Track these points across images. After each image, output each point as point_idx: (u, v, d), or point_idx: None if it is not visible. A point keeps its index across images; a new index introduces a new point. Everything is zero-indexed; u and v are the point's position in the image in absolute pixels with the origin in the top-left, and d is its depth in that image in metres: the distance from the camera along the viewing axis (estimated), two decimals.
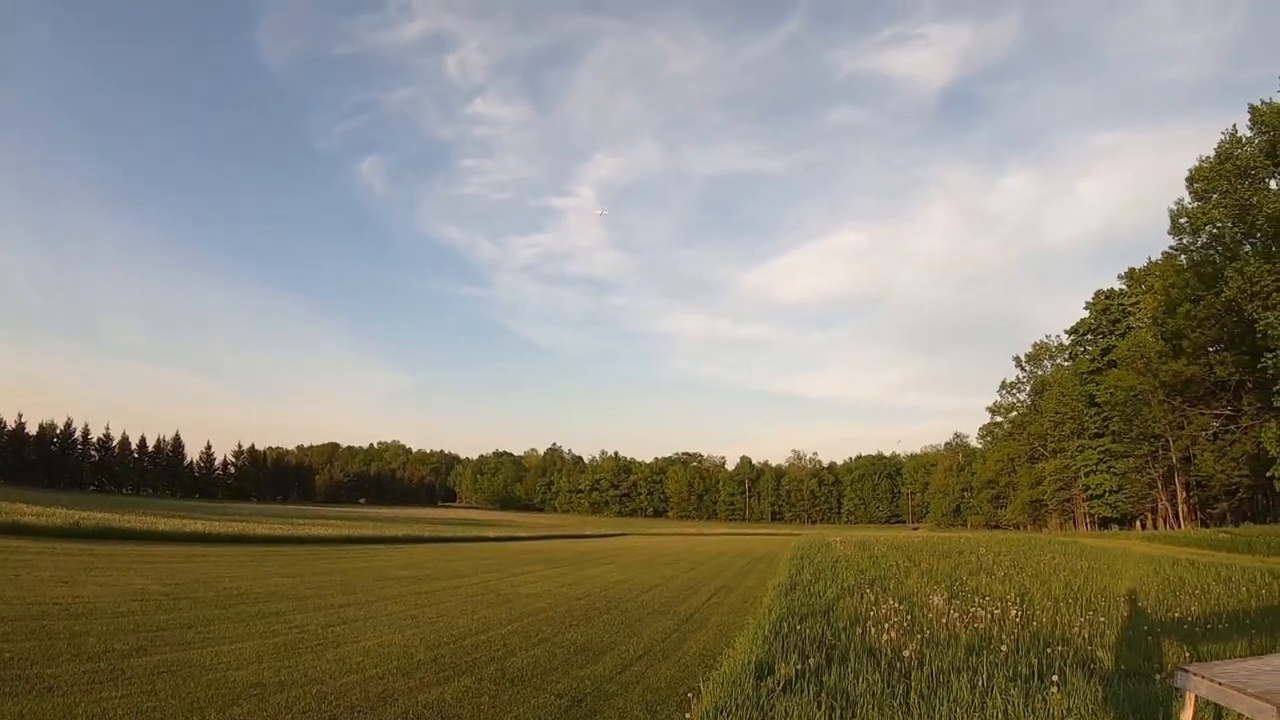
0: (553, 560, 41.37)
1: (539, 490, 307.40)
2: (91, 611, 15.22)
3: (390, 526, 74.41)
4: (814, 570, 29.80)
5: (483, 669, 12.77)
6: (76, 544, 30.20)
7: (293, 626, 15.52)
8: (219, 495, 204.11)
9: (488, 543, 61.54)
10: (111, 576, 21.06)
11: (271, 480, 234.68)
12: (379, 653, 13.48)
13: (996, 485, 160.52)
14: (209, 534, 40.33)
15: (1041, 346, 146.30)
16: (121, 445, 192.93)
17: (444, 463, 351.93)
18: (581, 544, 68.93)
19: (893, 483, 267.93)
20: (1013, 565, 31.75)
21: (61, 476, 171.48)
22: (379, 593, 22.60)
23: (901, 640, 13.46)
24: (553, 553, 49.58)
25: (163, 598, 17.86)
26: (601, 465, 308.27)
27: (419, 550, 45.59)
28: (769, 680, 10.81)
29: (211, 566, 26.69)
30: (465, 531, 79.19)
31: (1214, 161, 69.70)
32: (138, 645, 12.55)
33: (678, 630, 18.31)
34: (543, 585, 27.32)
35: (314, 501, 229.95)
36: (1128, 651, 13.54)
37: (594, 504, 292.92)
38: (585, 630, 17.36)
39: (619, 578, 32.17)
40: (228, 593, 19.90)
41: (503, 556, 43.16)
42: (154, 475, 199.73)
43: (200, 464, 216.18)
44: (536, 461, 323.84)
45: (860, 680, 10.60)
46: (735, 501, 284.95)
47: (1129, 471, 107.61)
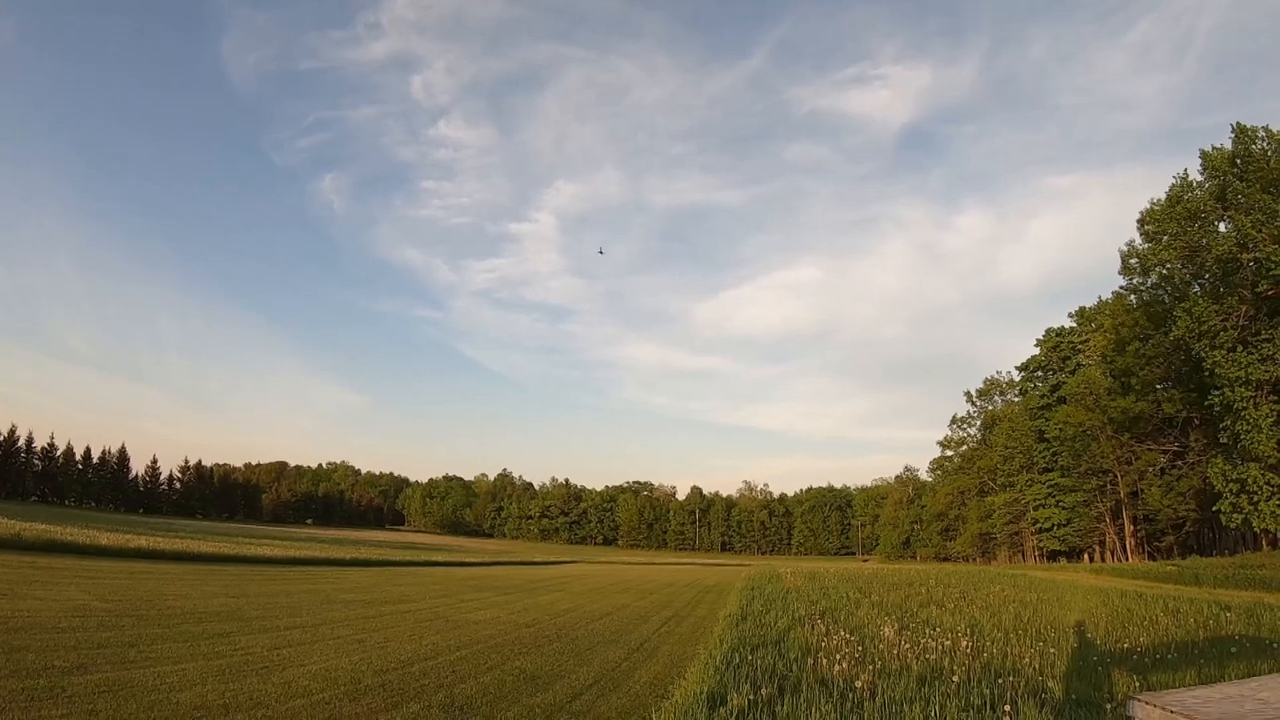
0: (502, 587, 41.02)
1: (489, 516, 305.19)
2: (31, 626, 14.85)
3: (338, 549, 73.40)
4: (765, 601, 29.87)
5: (431, 696, 12.61)
6: (17, 555, 29.58)
7: (238, 648, 15.24)
8: (164, 511, 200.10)
9: (436, 568, 61.08)
10: (53, 590, 20.58)
11: (218, 497, 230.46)
12: (326, 677, 13.27)
13: (946, 518, 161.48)
14: (153, 550, 39.59)
15: (992, 382, 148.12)
16: (66, 455, 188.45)
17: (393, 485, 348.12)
18: (531, 571, 68.52)
19: (843, 515, 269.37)
20: (962, 597, 32.01)
21: (3, 485, 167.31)
22: (326, 616, 22.28)
23: (854, 671, 13.48)
24: (502, 579, 49.16)
25: (105, 614, 17.47)
26: (552, 492, 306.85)
27: (367, 574, 45.02)
28: (721, 711, 10.79)
29: (155, 584, 26.18)
30: (414, 556, 78.53)
31: (1165, 204, 71.43)
32: (78, 663, 12.26)
33: (628, 659, 18.21)
34: (492, 612, 27.06)
35: (260, 520, 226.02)
36: (1078, 681, 13.69)
37: (544, 531, 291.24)
38: (535, 658, 17.21)
39: (569, 605, 32.00)
40: (172, 611, 19.51)
41: (451, 582, 42.76)
42: (98, 488, 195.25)
43: (146, 478, 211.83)
44: (487, 487, 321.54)
45: (813, 711, 10.61)
46: (686, 531, 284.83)
47: (1077, 505, 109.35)
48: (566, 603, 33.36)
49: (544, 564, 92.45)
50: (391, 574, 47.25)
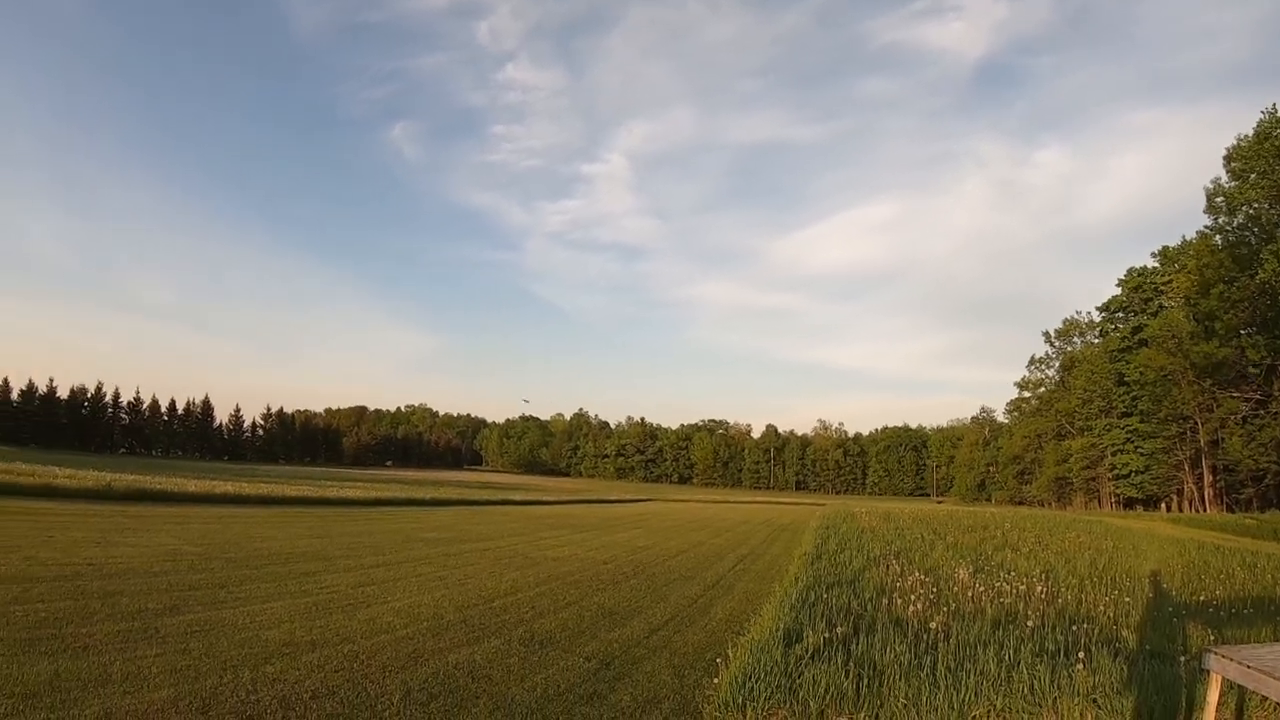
0: (579, 525, 41.59)
1: (565, 455, 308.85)
2: (125, 572, 15.48)
3: (417, 489, 74.95)
4: (839, 540, 29.72)
5: (511, 631, 12.88)
6: (109, 506, 30.73)
7: (323, 587, 15.73)
8: (248, 457, 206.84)
9: (514, 506, 61.91)
10: (144, 537, 21.39)
11: (300, 443, 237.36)
12: (409, 613, 13.64)
13: (1022, 461, 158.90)
14: (239, 495, 40.85)
15: (1071, 323, 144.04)
16: (152, 409, 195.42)
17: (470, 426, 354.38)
18: (607, 509, 69.17)
19: (918, 455, 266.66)
20: (1038, 542, 31.52)
21: (93, 439, 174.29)
22: (408, 554, 22.84)
23: (928, 612, 13.44)
24: (579, 517, 49.82)
25: (195, 558, 18.13)
26: (628, 431, 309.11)
27: (446, 513, 45.95)
28: (797, 648, 10.80)
29: (242, 527, 27.05)
30: (492, 495, 79.69)
31: (1253, 141, 68.37)
32: (171, 604, 12.77)
33: (704, 595, 18.41)
34: (569, 549, 27.48)
35: (342, 464, 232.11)
36: (1152, 632, 13.45)
37: (619, 469, 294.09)
38: (612, 594, 17.47)
39: (645, 543, 32.32)
40: (259, 553, 20.18)
41: (529, 520, 43.44)
42: (184, 438, 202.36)
43: (229, 427, 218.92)
44: (563, 426, 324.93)
45: (888, 650, 10.56)
46: (760, 470, 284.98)
47: (1156, 452, 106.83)
48: (643, 540, 33.68)
49: (620, 502, 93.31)
50: (470, 513, 48.17)
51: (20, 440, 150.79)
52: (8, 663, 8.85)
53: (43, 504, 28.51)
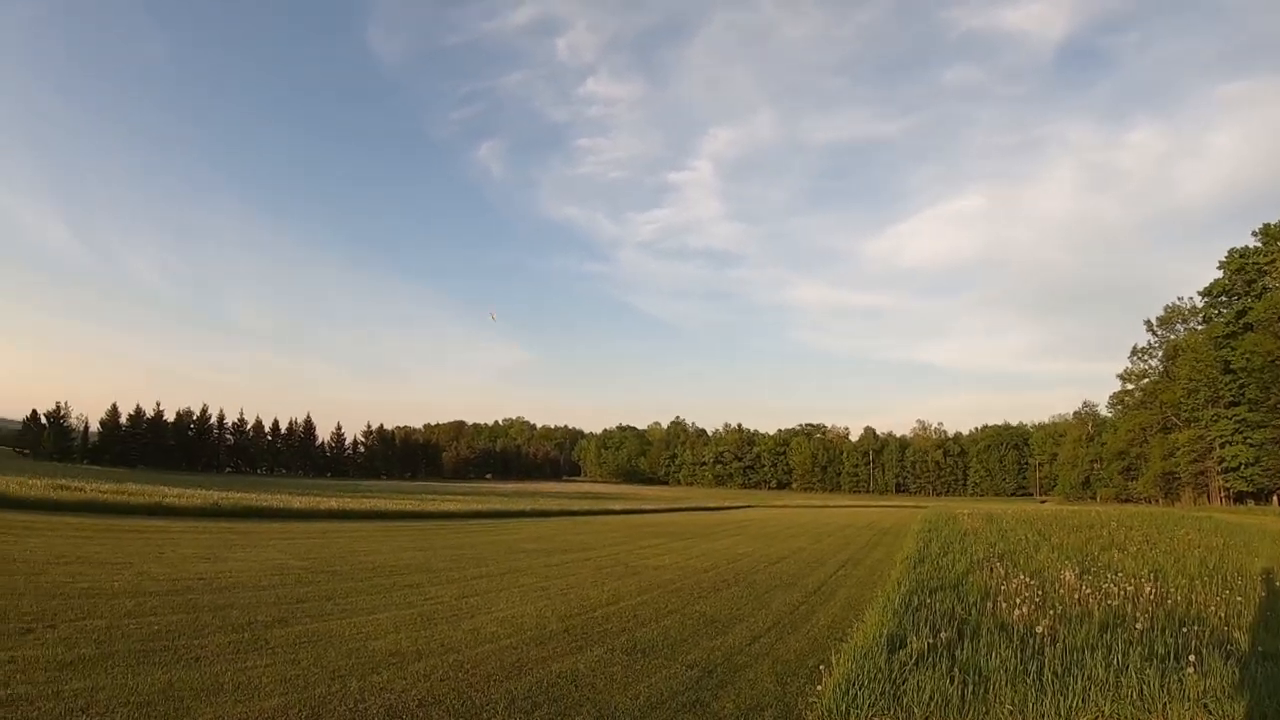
0: (678, 533, 41.56)
1: (663, 463, 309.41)
2: (234, 585, 15.96)
3: (517, 501, 75.91)
4: (942, 543, 29.26)
5: (614, 639, 12.92)
6: (217, 523, 31.77)
7: (428, 598, 15.98)
8: (350, 474, 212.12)
9: (613, 516, 62.21)
10: (251, 553, 22.03)
11: (400, 458, 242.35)
12: (512, 623, 13.77)
13: (1127, 456, 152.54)
14: (343, 510, 41.84)
15: (1173, 309, 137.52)
16: (255, 429, 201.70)
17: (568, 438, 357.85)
18: (706, 516, 69.02)
19: (1019, 454, 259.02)
20: (1145, 541, 30.43)
21: (199, 460, 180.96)
22: (510, 565, 23.09)
23: (1033, 616, 13.12)
24: (678, 525, 49.79)
25: (302, 571, 18.60)
26: (725, 438, 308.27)
27: (546, 524, 46.37)
28: (901, 653, 10.68)
29: (346, 541, 27.68)
30: (591, 505, 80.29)
31: None
32: (279, 617, 13.11)
33: (806, 602, 18.22)
34: (670, 558, 27.47)
35: (442, 477, 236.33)
36: (1266, 633, 12.86)
37: (717, 476, 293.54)
38: (714, 602, 17.41)
39: (745, 550, 32.15)
40: (364, 566, 20.62)
41: (629, 529, 43.63)
42: (287, 456, 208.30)
43: (331, 444, 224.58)
44: (660, 435, 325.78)
45: (993, 655, 10.42)
46: (859, 473, 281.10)
47: (1266, 443, 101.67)
48: (743, 547, 33.52)
49: (719, 509, 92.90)
50: (570, 523, 48.57)
51: (130, 462, 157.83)
52: (123, 674, 9.19)
53: (153, 522, 29.61)
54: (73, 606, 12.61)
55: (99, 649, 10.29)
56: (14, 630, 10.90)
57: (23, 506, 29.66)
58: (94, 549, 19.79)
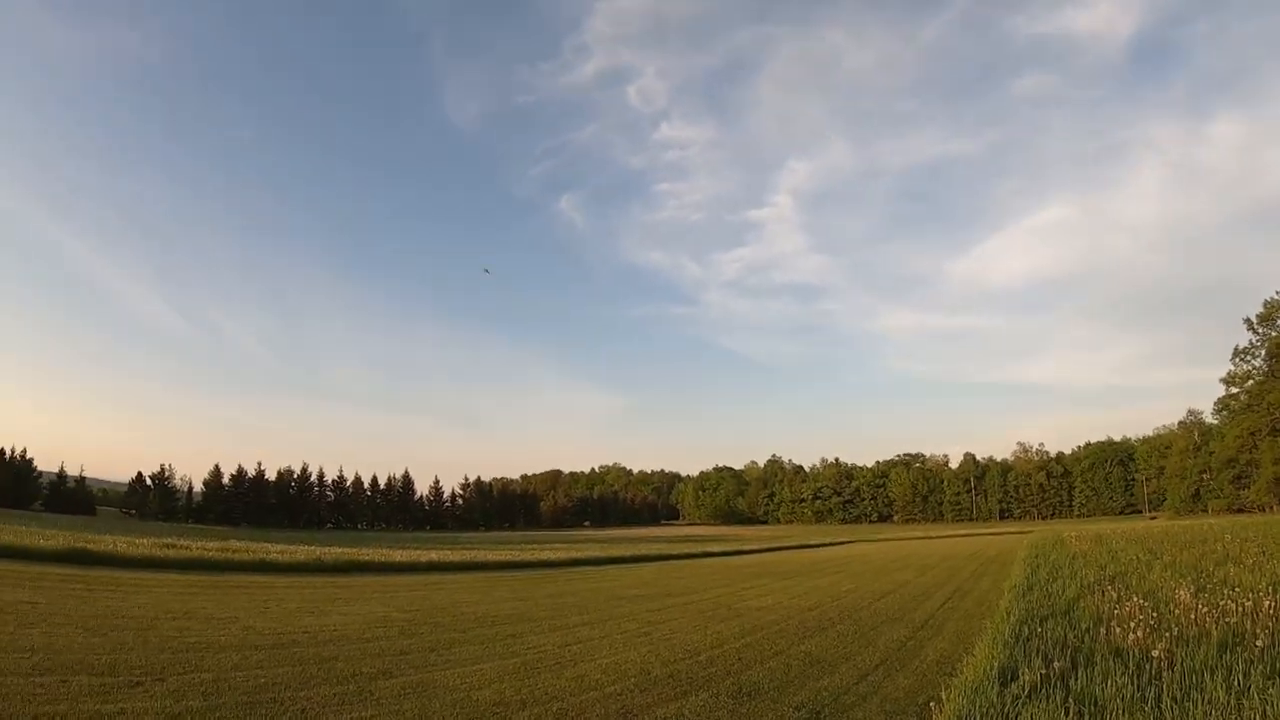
0: (781, 572, 41.11)
1: (761, 503, 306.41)
2: (338, 638, 16.20)
3: (616, 547, 75.97)
4: (1050, 569, 28.49)
5: (719, 683, 12.77)
6: (320, 577, 32.42)
7: (530, 647, 16.01)
8: (449, 526, 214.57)
9: (714, 558, 61.87)
10: (355, 606, 22.37)
11: (498, 509, 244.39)
12: (616, 670, 13.70)
13: (1237, 464, 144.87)
14: (443, 563, 42.35)
15: (1273, 304, 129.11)
16: (355, 485, 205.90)
17: (665, 482, 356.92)
18: (808, 554, 68.27)
19: (1125, 470, 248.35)
20: (1262, 552, 29.02)
21: (301, 517, 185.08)
22: (611, 612, 23.04)
23: (1148, 639, 12.63)
24: (780, 564, 49.28)
25: (405, 623, 18.81)
26: (822, 473, 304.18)
27: (647, 569, 46.24)
28: (1013, 686, 10.41)
29: (448, 593, 27.96)
30: (691, 548, 79.94)
31: None
32: (384, 668, 13.25)
33: (913, 637, 17.86)
34: (773, 598, 27.15)
35: (540, 527, 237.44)
36: None
37: (817, 513, 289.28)
38: (819, 641, 17.12)
39: (849, 586, 31.67)
40: (465, 617, 20.78)
41: (730, 571, 43.27)
42: (386, 511, 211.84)
43: (430, 498, 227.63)
44: (757, 474, 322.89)
45: (1108, 684, 10.06)
46: (961, 501, 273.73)
47: None
48: (847, 584, 33.03)
49: (820, 546, 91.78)
50: (671, 567, 48.36)
51: (233, 520, 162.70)
52: None
53: (258, 578, 30.32)
54: (180, 660, 12.94)
55: (206, 701, 10.51)
56: (123, 683, 11.20)
57: (131, 565, 30.62)
58: (200, 604, 20.31)
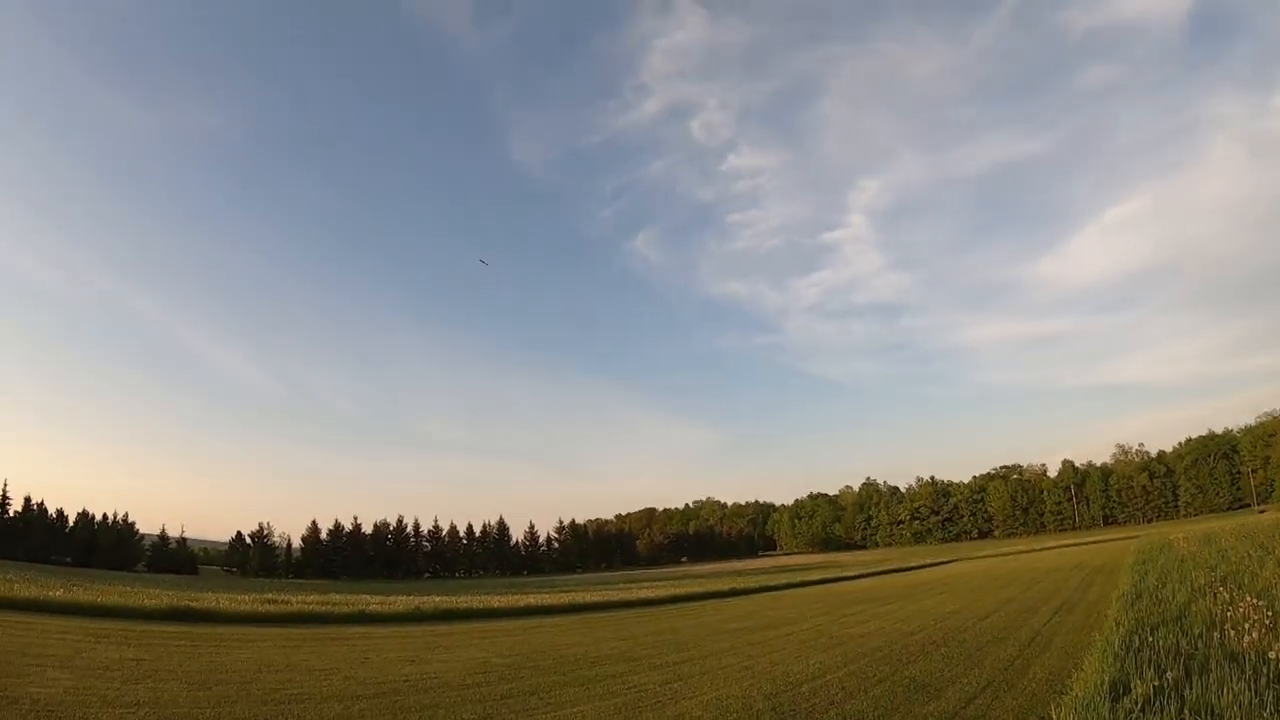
0: (881, 597, 40.47)
1: (858, 527, 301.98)
2: (439, 685, 16.35)
3: (714, 581, 75.59)
4: (1159, 574, 27.68)
5: (822, 714, 12.61)
6: (419, 626, 32.80)
7: (630, 687, 15.96)
8: (546, 570, 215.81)
9: (812, 586, 61.24)
10: (454, 653, 22.59)
11: (594, 550, 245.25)
12: (717, 706, 13.59)
13: None
14: (541, 606, 42.53)
15: None
16: (450, 534, 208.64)
17: (760, 512, 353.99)
18: (908, 577, 67.11)
19: (1230, 463, 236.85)
20: None
21: (399, 568, 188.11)
22: (712, 647, 22.90)
23: (1265, 640, 12.20)
24: (880, 589, 48.54)
25: (504, 668, 18.91)
26: (919, 493, 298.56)
27: (746, 601, 45.88)
28: (1125, 700, 10.06)
29: (547, 636, 28.06)
30: (789, 578, 79.08)
31: None
32: (484, 714, 13.36)
33: (1020, 656, 17.45)
34: (874, 624, 26.74)
35: (637, 565, 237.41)
36: None
37: (915, 534, 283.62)
38: (923, 666, 16.79)
39: (952, 607, 31.07)
40: (565, 659, 20.82)
41: (830, 598, 42.74)
42: (483, 558, 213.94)
43: (525, 543, 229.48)
44: (852, 498, 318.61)
45: (1225, 691, 9.70)
46: (1063, 510, 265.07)
47: None
48: (949, 604, 32.41)
49: (920, 568, 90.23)
50: (770, 598, 47.90)
51: (332, 574, 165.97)
52: None
53: (357, 629, 30.80)
54: (283, 712, 13.18)
55: None
56: None
57: (233, 621, 31.39)
58: (301, 657, 20.68)
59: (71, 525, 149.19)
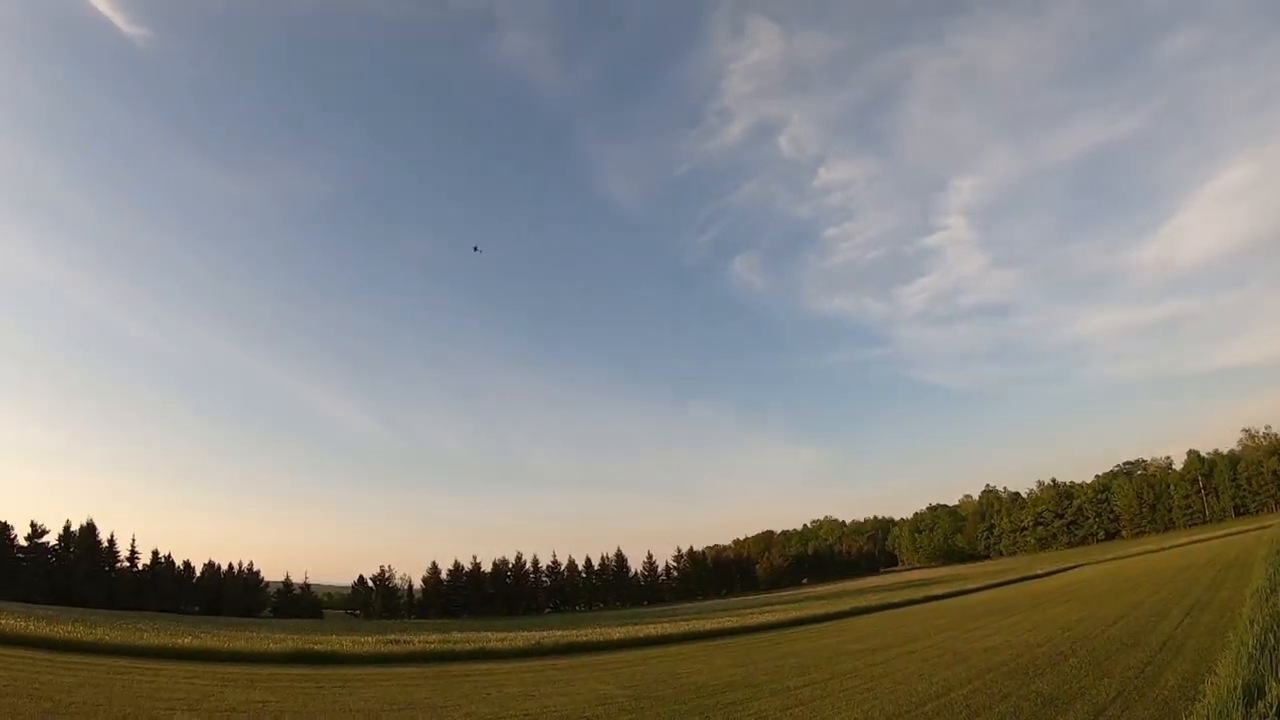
0: (1006, 608, 39.52)
1: (980, 537, 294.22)
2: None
3: (835, 602, 74.66)
4: None
5: None
6: (540, 661, 33.16)
7: (751, 714, 15.91)
8: (665, 599, 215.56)
9: (935, 601, 60.14)
10: (574, 686, 22.77)
11: (713, 576, 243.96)
12: None
13: None
14: (661, 636, 42.57)
15: None
16: (569, 568, 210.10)
17: (879, 528, 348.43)
18: (1033, 585, 65.57)
19: None
20: None
21: (519, 604, 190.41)
22: (834, 669, 22.65)
23: None
24: (1005, 600, 47.42)
25: (623, 700, 18.98)
26: (1040, 497, 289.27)
27: (868, 620, 45.30)
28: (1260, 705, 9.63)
29: (668, 665, 28.09)
30: (911, 594, 77.64)
31: None
32: None
33: (1151, 663, 16.92)
34: (1000, 637, 26.14)
35: (757, 590, 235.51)
36: None
37: (1039, 539, 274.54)
38: (1051, 678, 16.37)
39: (1079, 615, 30.23)
40: (686, 688, 20.82)
41: (953, 613, 41.93)
42: (602, 590, 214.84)
43: (644, 573, 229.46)
44: (973, 508, 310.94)
45: None
46: (1191, 504, 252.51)
47: None
48: (1076, 612, 31.52)
49: (1045, 575, 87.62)
50: (892, 616, 47.17)
51: (453, 613, 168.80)
52: None
53: (479, 666, 31.30)
54: None
55: None
56: None
57: (357, 662, 32.21)
58: (423, 695, 21.11)
59: (199, 575, 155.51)
